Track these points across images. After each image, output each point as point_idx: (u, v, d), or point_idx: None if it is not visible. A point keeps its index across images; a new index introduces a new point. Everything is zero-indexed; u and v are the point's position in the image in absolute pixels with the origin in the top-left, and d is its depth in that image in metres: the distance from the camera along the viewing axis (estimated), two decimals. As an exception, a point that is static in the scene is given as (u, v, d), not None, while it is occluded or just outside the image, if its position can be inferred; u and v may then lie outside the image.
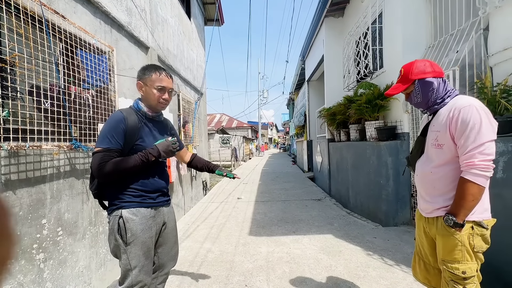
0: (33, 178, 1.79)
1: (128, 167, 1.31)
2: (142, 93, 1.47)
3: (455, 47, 2.78)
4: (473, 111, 1.12)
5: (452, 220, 1.14)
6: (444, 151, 1.22)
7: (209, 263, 2.50)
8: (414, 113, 3.24)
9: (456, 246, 1.17)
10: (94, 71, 2.38)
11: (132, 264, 1.33)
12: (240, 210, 4.45)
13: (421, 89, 1.26)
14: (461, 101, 1.19)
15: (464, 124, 1.13)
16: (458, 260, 1.17)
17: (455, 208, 1.16)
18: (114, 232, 1.33)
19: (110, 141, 1.29)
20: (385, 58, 3.89)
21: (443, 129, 1.21)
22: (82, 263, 2.21)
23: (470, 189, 1.11)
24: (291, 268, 2.37)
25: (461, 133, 1.14)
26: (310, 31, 6.92)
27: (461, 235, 1.16)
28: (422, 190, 1.34)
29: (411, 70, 1.28)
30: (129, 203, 1.35)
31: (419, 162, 1.38)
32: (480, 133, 1.10)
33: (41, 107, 1.82)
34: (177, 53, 4.88)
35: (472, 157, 1.12)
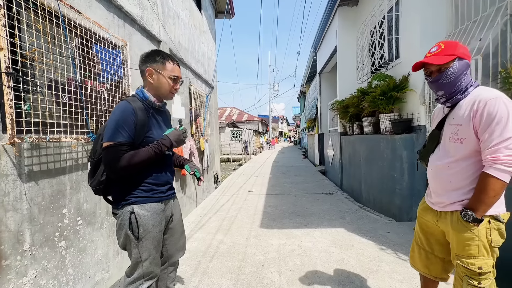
0: (54, 170, 1.87)
1: (143, 160, 1.26)
2: (152, 80, 1.36)
3: (478, 34, 2.64)
4: (500, 104, 1.07)
5: (472, 215, 1.11)
6: (465, 145, 1.17)
7: (221, 254, 2.55)
8: (432, 105, 3.12)
9: (472, 241, 1.14)
10: (109, 65, 2.42)
11: (142, 258, 1.33)
12: (251, 203, 4.48)
13: (457, 68, 1.18)
14: (487, 93, 1.13)
15: (490, 117, 1.08)
16: (474, 255, 1.14)
17: (475, 203, 1.12)
18: (125, 228, 1.30)
19: (122, 134, 1.23)
20: (402, 48, 3.75)
21: (466, 123, 1.15)
22: (101, 251, 2.30)
23: (492, 184, 1.08)
24: (303, 261, 2.38)
25: (486, 127, 1.09)
26: (323, 21, 6.74)
27: (478, 230, 1.13)
28: (436, 184, 1.30)
29: (456, 46, 1.19)
30: (140, 198, 1.32)
31: (433, 156, 1.32)
32: (507, 127, 1.06)
33: (60, 101, 1.87)
34: (188, 46, 4.89)
35: (497, 152, 1.07)
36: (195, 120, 4.97)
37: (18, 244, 1.58)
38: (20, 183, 1.61)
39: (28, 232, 1.65)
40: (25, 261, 1.62)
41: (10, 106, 1.49)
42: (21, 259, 1.59)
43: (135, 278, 1.34)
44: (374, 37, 4.32)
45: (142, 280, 1.35)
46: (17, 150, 1.59)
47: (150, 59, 1.37)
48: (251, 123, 26.41)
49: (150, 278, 1.37)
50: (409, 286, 1.97)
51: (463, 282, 1.17)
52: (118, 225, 1.33)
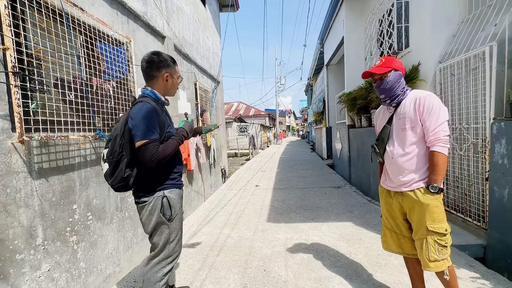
0: (63, 167, 1.91)
1: (172, 151, 1.44)
2: (167, 84, 1.51)
3: (493, 19, 2.51)
4: (434, 99, 1.44)
5: (437, 187, 1.41)
6: (415, 131, 1.50)
7: (228, 248, 2.57)
8: (443, 95, 3.01)
9: (438, 208, 1.44)
10: (114, 63, 2.43)
11: (171, 237, 1.49)
12: (258, 197, 4.49)
13: (393, 78, 1.54)
14: (422, 92, 1.50)
15: (429, 108, 1.42)
16: (441, 220, 1.44)
17: (435, 176, 1.42)
18: (157, 211, 1.44)
19: (153, 132, 1.37)
20: (411, 37, 3.61)
21: (413, 114, 1.48)
22: (111, 245, 2.36)
23: (441, 158, 1.41)
24: (310, 255, 2.37)
25: (427, 116, 1.43)
26: (329, 12, 6.58)
27: (439, 198, 1.44)
28: (397, 170, 1.56)
29: (393, 61, 1.58)
30: (168, 185, 1.50)
31: (390, 147, 1.60)
32: (440, 115, 1.41)
33: (66, 99, 1.90)
34: (193, 41, 4.87)
35: (437, 134, 1.42)
36: (201, 115, 4.98)
37: (31, 239, 1.63)
38: (31, 180, 1.66)
39: (40, 227, 1.70)
40: (39, 255, 1.67)
41: (18, 105, 1.52)
42: (34, 253, 1.65)
43: (161, 260, 1.47)
44: (383, 26, 4.19)
45: (168, 261, 1.49)
46: (26, 148, 1.62)
47: (163, 64, 1.49)
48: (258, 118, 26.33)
49: (176, 257, 1.53)
50: (418, 280, 1.94)
51: (435, 245, 1.43)
52: (148, 211, 1.45)
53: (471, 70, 2.57)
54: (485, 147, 2.42)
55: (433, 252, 1.43)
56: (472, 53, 2.50)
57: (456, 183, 2.87)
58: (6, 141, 1.53)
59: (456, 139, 2.83)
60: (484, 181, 2.45)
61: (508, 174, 2.08)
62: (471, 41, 2.68)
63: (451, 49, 2.95)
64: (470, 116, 2.61)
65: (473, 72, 2.54)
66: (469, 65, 2.58)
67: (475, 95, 2.53)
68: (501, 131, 2.14)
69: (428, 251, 1.45)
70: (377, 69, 1.57)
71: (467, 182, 2.69)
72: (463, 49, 2.74)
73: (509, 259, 2.09)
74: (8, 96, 1.54)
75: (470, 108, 2.60)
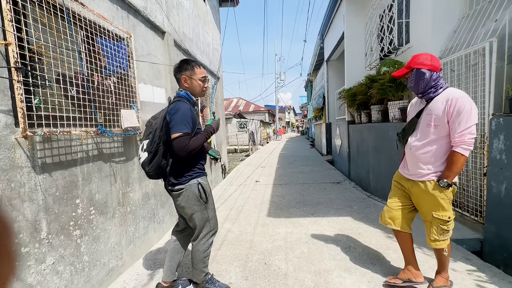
0: (66, 162, 1.92)
1: (201, 143, 1.70)
2: (187, 85, 1.77)
3: (493, 15, 2.51)
4: (467, 101, 1.49)
5: (446, 182, 1.56)
6: (439, 130, 1.59)
7: (229, 242, 2.61)
8: (443, 91, 3.03)
9: (444, 200, 1.61)
10: (114, 58, 2.43)
11: (210, 216, 1.80)
12: (258, 193, 4.53)
13: (415, 77, 1.62)
14: (456, 93, 1.55)
15: (460, 110, 1.49)
16: (446, 209, 1.62)
17: (448, 173, 1.56)
18: (195, 196, 1.73)
19: (187, 126, 1.62)
20: (412, 32, 3.61)
21: (441, 113, 1.56)
22: (114, 239, 2.39)
23: (460, 159, 1.52)
24: (310, 249, 2.41)
25: (456, 117, 1.50)
26: (330, 6, 6.54)
27: (447, 193, 1.61)
28: (415, 160, 1.70)
29: (413, 60, 1.64)
30: (199, 174, 1.78)
31: (412, 138, 1.72)
32: (470, 118, 1.48)
33: (68, 95, 1.91)
34: (192, 37, 4.85)
35: (463, 136, 1.49)
36: (201, 111, 4.98)
37: (35, 233, 1.66)
38: (35, 175, 1.67)
39: (45, 221, 1.72)
40: (43, 249, 1.70)
41: (20, 100, 1.52)
42: (39, 247, 1.67)
43: (205, 234, 1.79)
44: (384, 21, 4.17)
45: (211, 233, 1.82)
46: (30, 143, 1.64)
47: (182, 68, 1.77)
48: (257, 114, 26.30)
49: (215, 232, 1.86)
50: (416, 273, 1.97)
51: (438, 229, 1.65)
52: (187, 197, 1.73)
53: (471, 66, 2.58)
54: (483, 143, 2.44)
55: (435, 234, 1.66)
56: (472, 49, 2.51)
57: (454, 178, 2.89)
58: (10, 136, 1.54)
59: (455, 135, 2.85)
60: (482, 176, 2.48)
61: (506, 169, 2.11)
62: (471, 36, 2.69)
63: (452, 45, 2.95)
64: (469, 112, 2.62)
65: (473, 68, 2.55)
66: (469, 61, 2.59)
67: (474, 91, 2.55)
68: (499, 127, 2.16)
69: (431, 233, 1.68)
70: (397, 73, 1.75)
71: (465, 178, 2.73)
72: (464, 44, 2.74)
73: (505, 253, 2.13)
74: (11, 91, 1.54)
75: (470, 104, 2.61)
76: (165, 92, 3.61)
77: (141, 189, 2.86)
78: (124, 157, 2.60)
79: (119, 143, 2.53)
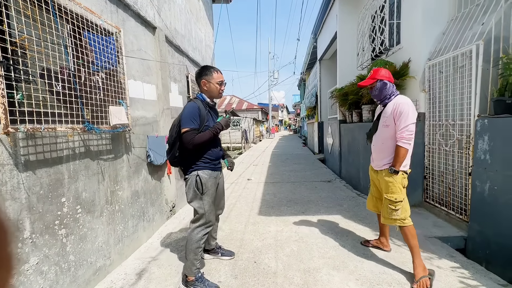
0: (51, 159, 1.87)
1: (207, 139, 1.88)
2: (206, 88, 2.00)
3: (481, 18, 2.57)
4: (406, 106, 1.90)
5: (393, 169, 1.95)
6: (390, 129, 1.99)
7: (219, 240, 2.60)
8: (431, 93, 3.09)
9: (392, 184, 1.98)
10: (102, 53, 2.37)
11: (205, 208, 1.93)
12: (250, 191, 4.53)
13: (380, 86, 2.04)
14: (401, 99, 1.98)
15: (401, 112, 1.90)
16: (393, 192, 1.98)
17: (394, 162, 1.96)
18: (193, 186, 1.91)
19: (193, 123, 1.85)
20: (403, 33, 3.66)
21: (390, 116, 1.97)
22: (101, 238, 2.35)
23: (401, 151, 1.91)
24: (299, 247, 2.43)
25: (398, 118, 1.92)
26: (323, 6, 6.56)
27: (396, 178, 1.96)
28: (376, 154, 2.15)
29: (377, 72, 2.06)
30: (202, 167, 1.95)
31: (375, 137, 2.15)
32: (408, 119, 1.88)
33: (53, 90, 1.85)
34: (185, 33, 4.78)
35: (402, 133, 1.90)
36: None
37: (18, 232, 1.61)
38: (17, 173, 1.62)
39: (28, 221, 1.67)
40: (26, 248, 1.65)
41: (2, 95, 1.47)
42: (22, 246, 1.63)
43: (200, 224, 1.93)
44: (375, 22, 4.21)
45: (204, 226, 1.94)
46: (12, 140, 1.58)
47: (202, 73, 2.01)
48: (251, 112, 26.25)
49: (210, 225, 1.97)
50: (402, 270, 2.02)
51: (387, 208, 2.00)
52: (188, 185, 1.95)
53: (458, 68, 2.63)
54: (469, 143, 2.51)
55: (385, 212, 2.03)
56: (460, 51, 2.56)
57: (441, 177, 2.97)
58: (-10, 133, 1.49)
59: (442, 135, 2.92)
60: (467, 176, 2.55)
61: (489, 169, 2.17)
62: (459, 39, 2.74)
63: (440, 47, 3.01)
64: (456, 113, 2.69)
65: (460, 70, 2.60)
66: (457, 63, 2.65)
67: (461, 92, 2.61)
68: (484, 128, 2.22)
69: (383, 210, 2.07)
70: (365, 82, 2.11)
71: (451, 177, 2.79)
72: (452, 47, 2.80)
73: (487, 250, 2.20)
74: (-9, 86, 1.48)
75: (457, 105, 2.68)
76: (156, 89, 3.55)
77: (130, 187, 2.82)
78: (113, 155, 2.55)
79: (107, 141, 2.48)
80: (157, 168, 3.38)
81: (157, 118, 3.51)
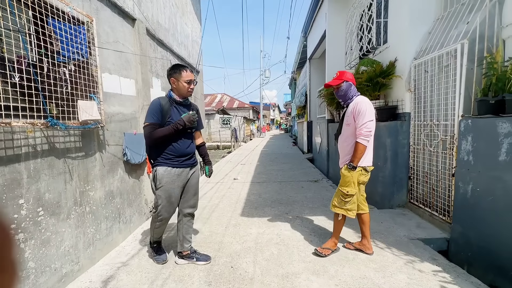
0: (6, 157, 1.70)
1: (166, 133, 1.95)
2: (175, 86, 2.07)
3: (466, 17, 2.53)
4: (363, 105, 2.03)
5: (351, 165, 2.07)
6: (351, 128, 2.11)
7: (197, 244, 2.48)
8: (417, 92, 3.05)
9: (348, 178, 2.12)
10: (71, 43, 2.20)
11: (159, 202, 2.05)
12: (235, 191, 4.41)
13: (345, 87, 2.15)
14: (360, 99, 2.11)
15: (359, 111, 2.03)
16: (348, 185, 2.12)
17: (353, 158, 2.07)
18: (151, 180, 2.08)
19: (153, 117, 1.96)
20: (390, 32, 3.62)
21: (351, 115, 2.09)
22: (68, 242, 2.19)
23: (360, 147, 2.02)
24: (280, 250, 2.34)
25: (357, 116, 2.04)
26: (313, 3, 6.49)
27: (352, 173, 2.10)
28: (342, 151, 2.25)
29: (344, 74, 2.17)
30: (161, 163, 2.03)
31: (339, 136, 2.28)
32: (366, 117, 2.01)
33: (8, 81, 1.68)
34: (169, 26, 4.61)
35: (361, 130, 2.01)
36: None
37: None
38: (-39, 172, 1.45)
39: (-25, 225, 1.51)
40: (-28, 256, 1.49)
41: None
42: (-34, 254, 1.46)
43: (156, 214, 2.10)
44: (363, 21, 4.16)
45: (157, 219, 2.10)
46: (-46, 135, 1.41)
47: (172, 72, 2.08)
48: (242, 110, 26.08)
49: (161, 219, 2.09)
50: (383, 275, 1.96)
51: (338, 198, 2.19)
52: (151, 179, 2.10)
53: (443, 67, 2.59)
54: (453, 144, 2.47)
55: (335, 201, 2.21)
56: (445, 50, 2.52)
57: (425, 178, 2.93)
58: None
59: (427, 136, 2.88)
60: (450, 177, 2.51)
61: (472, 170, 2.14)
62: (445, 38, 2.71)
63: (426, 46, 2.97)
64: (441, 113, 2.65)
65: (445, 70, 2.57)
66: (442, 62, 2.61)
67: (446, 92, 2.57)
68: (468, 128, 2.18)
69: (333, 200, 2.24)
70: (333, 82, 2.19)
71: (435, 178, 2.76)
72: (437, 46, 2.76)
73: (469, 252, 2.17)
74: None
75: (441, 105, 2.64)
76: (135, 83, 3.38)
77: (103, 187, 2.65)
78: (83, 153, 2.39)
79: (76, 137, 2.31)
80: (136, 167, 3.22)
81: (136, 115, 3.34)
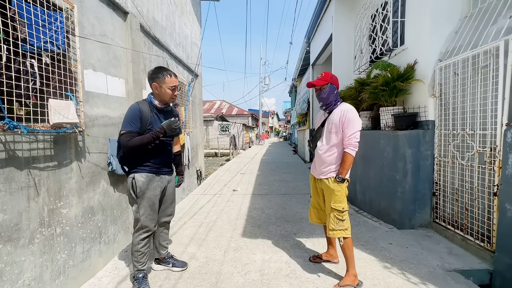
0: None
1: (145, 142, 1.80)
2: (157, 92, 1.91)
3: (505, 12, 2.21)
4: (353, 112, 1.92)
5: (341, 177, 1.91)
6: (337, 136, 1.95)
7: (190, 274, 2.05)
8: (443, 97, 2.71)
9: (340, 192, 1.93)
10: (42, 30, 1.83)
11: (140, 212, 1.88)
12: (234, 205, 3.99)
13: (329, 90, 1.99)
14: (347, 106, 1.97)
15: (349, 120, 1.89)
16: (341, 201, 1.93)
17: (341, 169, 1.92)
18: (129, 188, 1.90)
19: (131, 125, 1.81)
20: (407, 33, 3.31)
21: (337, 122, 1.93)
22: (29, 274, 1.76)
23: (349, 158, 1.89)
24: (291, 285, 1.92)
25: (346, 125, 1.89)
26: (318, 7, 6.24)
27: (342, 186, 1.94)
28: (322, 161, 2.03)
29: (330, 76, 2.02)
30: (140, 170, 1.89)
31: (320, 143, 2.06)
32: (355, 126, 1.89)
33: None
34: (166, 25, 4.28)
35: (350, 140, 1.88)
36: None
37: None
38: None
39: None
40: None
41: None
42: None
43: (136, 229, 1.91)
44: (376, 21, 3.86)
45: (141, 231, 1.90)
46: None
47: (154, 76, 1.90)
48: (241, 117, 25.79)
49: (147, 230, 1.91)
50: None
51: (334, 219, 1.93)
52: (127, 188, 1.93)
53: (479, 69, 2.25)
54: (494, 157, 2.10)
55: (332, 224, 1.95)
56: (482, 49, 2.19)
57: (455, 196, 2.55)
58: None
59: (457, 147, 2.52)
60: (492, 196, 2.13)
61: (527, 190, 1.76)
62: (478, 36, 2.38)
63: (454, 46, 2.64)
64: (476, 121, 2.29)
65: (483, 71, 2.22)
66: (477, 63, 2.27)
67: (483, 97, 2.22)
68: (519, 139, 1.82)
69: (329, 222, 1.97)
70: (317, 82, 2.02)
71: (469, 196, 2.38)
72: (469, 45, 2.43)
73: (523, 291, 1.76)
74: None
75: (477, 112, 2.28)
76: (125, 83, 3.01)
77: (81, 203, 2.24)
78: (55, 162, 1.99)
79: (46, 144, 1.91)
80: (122, 178, 2.80)
81: (125, 119, 2.95)
